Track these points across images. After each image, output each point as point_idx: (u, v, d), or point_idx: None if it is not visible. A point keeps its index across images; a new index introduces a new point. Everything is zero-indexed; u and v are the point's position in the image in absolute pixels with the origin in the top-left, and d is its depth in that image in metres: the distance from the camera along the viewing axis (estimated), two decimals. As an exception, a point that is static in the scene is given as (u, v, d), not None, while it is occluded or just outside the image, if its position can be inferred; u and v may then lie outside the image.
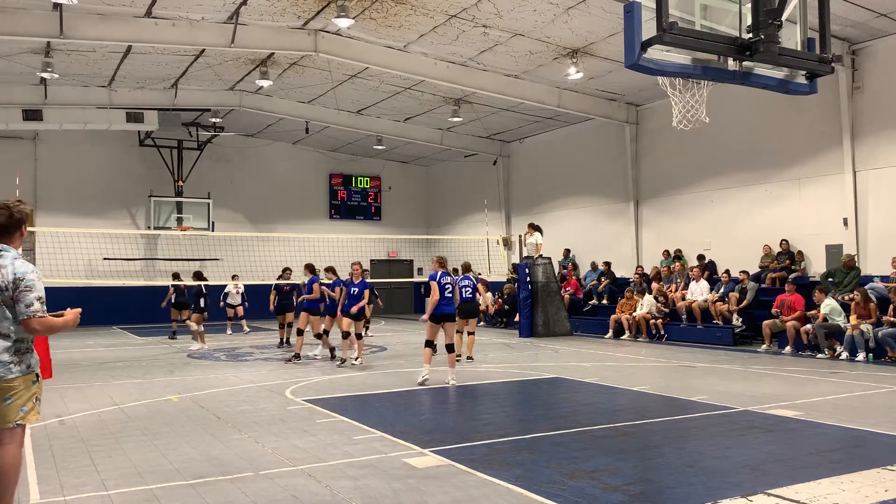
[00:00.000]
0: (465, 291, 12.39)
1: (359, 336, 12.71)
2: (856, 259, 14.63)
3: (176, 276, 18.84)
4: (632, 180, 20.40)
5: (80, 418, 8.20)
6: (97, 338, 19.07)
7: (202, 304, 16.01)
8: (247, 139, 26.46)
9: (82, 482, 5.62)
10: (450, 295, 10.58)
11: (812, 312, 13.69)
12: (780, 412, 8.01)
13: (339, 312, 13.13)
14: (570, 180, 22.80)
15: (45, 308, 4.28)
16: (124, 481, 5.63)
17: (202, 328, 15.82)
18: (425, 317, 10.55)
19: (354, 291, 12.64)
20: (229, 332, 19.91)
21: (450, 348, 10.58)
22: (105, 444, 6.92)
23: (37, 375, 4.38)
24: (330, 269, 14.07)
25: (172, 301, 18.45)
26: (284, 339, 16.53)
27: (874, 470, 5.64)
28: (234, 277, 20.78)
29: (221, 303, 20.03)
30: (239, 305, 20.29)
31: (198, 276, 16.80)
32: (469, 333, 13.12)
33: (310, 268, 14.02)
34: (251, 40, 15.70)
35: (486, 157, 25.94)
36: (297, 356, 13.41)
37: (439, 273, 10.55)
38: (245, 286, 20.51)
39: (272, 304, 16.92)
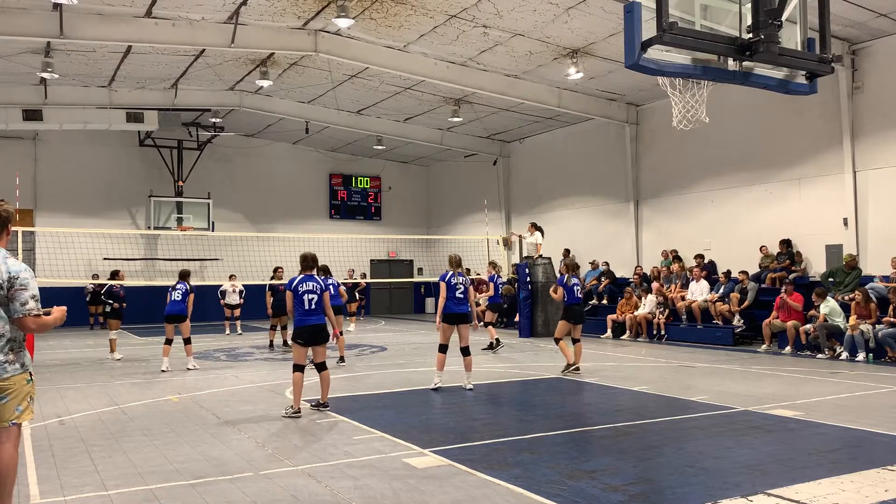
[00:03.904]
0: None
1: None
2: (856, 259, 14.63)
3: (95, 276, 21.20)
4: (632, 180, 20.39)
5: (80, 418, 8.20)
6: (97, 338, 19.05)
7: (113, 308, 14.35)
8: (247, 139, 26.46)
9: (82, 482, 5.62)
10: (461, 295, 10.07)
11: (811, 313, 13.71)
12: (780, 412, 8.01)
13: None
14: (570, 180, 22.80)
15: (39, 306, 4.29)
16: (124, 481, 5.63)
17: (113, 335, 14.20)
18: (437, 320, 10.17)
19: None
20: (228, 332, 19.87)
21: (465, 351, 10.02)
22: (105, 444, 6.92)
23: (30, 374, 4.39)
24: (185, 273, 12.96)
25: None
26: (272, 341, 16.03)
27: (874, 470, 5.64)
28: (231, 277, 20.82)
29: (222, 301, 20.40)
30: (237, 306, 20.28)
31: (112, 275, 15.48)
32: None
33: (325, 269, 13.56)
34: (251, 40, 15.69)
35: (486, 157, 25.94)
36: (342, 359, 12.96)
37: (450, 273, 10.13)
38: (244, 286, 20.51)
39: (269, 306, 15.95)
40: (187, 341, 12.56)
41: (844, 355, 12.76)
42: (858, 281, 14.05)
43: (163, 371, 12.04)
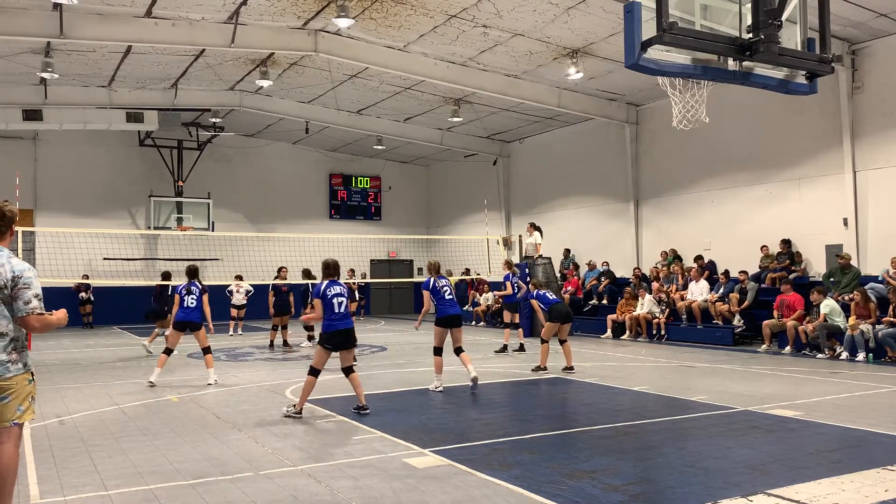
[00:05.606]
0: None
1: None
2: (849, 258, 14.57)
3: (85, 276, 21.21)
4: (632, 180, 20.39)
5: (80, 418, 8.20)
6: (97, 338, 19.06)
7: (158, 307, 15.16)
8: (247, 139, 26.46)
9: (82, 482, 5.62)
10: (451, 297, 10.05)
11: (808, 318, 13.70)
12: (780, 412, 8.01)
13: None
14: (570, 180, 22.80)
15: (42, 306, 4.30)
16: (124, 481, 5.63)
17: (160, 331, 15.11)
18: (416, 325, 11.06)
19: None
20: (231, 332, 19.81)
21: (459, 350, 10.04)
22: (105, 444, 6.92)
23: (32, 374, 4.40)
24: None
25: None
26: (272, 341, 16.10)
27: (874, 470, 5.64)
28: (237, 277, 20.77)
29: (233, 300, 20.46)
30: (241, 307, 20.23)
31: (165, 276, 16.26)
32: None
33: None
34: (251, 40, 15.69)
35: (486, 157, 25.94)
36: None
37: (433, 280, 10.08)
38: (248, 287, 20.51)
39: (271, 306, 16.02)
40: (207, 350, 10.81)
41: (844, 355, 12.76)
42: (857, 281, 14.05)
43: (150, 384, 10.37)
